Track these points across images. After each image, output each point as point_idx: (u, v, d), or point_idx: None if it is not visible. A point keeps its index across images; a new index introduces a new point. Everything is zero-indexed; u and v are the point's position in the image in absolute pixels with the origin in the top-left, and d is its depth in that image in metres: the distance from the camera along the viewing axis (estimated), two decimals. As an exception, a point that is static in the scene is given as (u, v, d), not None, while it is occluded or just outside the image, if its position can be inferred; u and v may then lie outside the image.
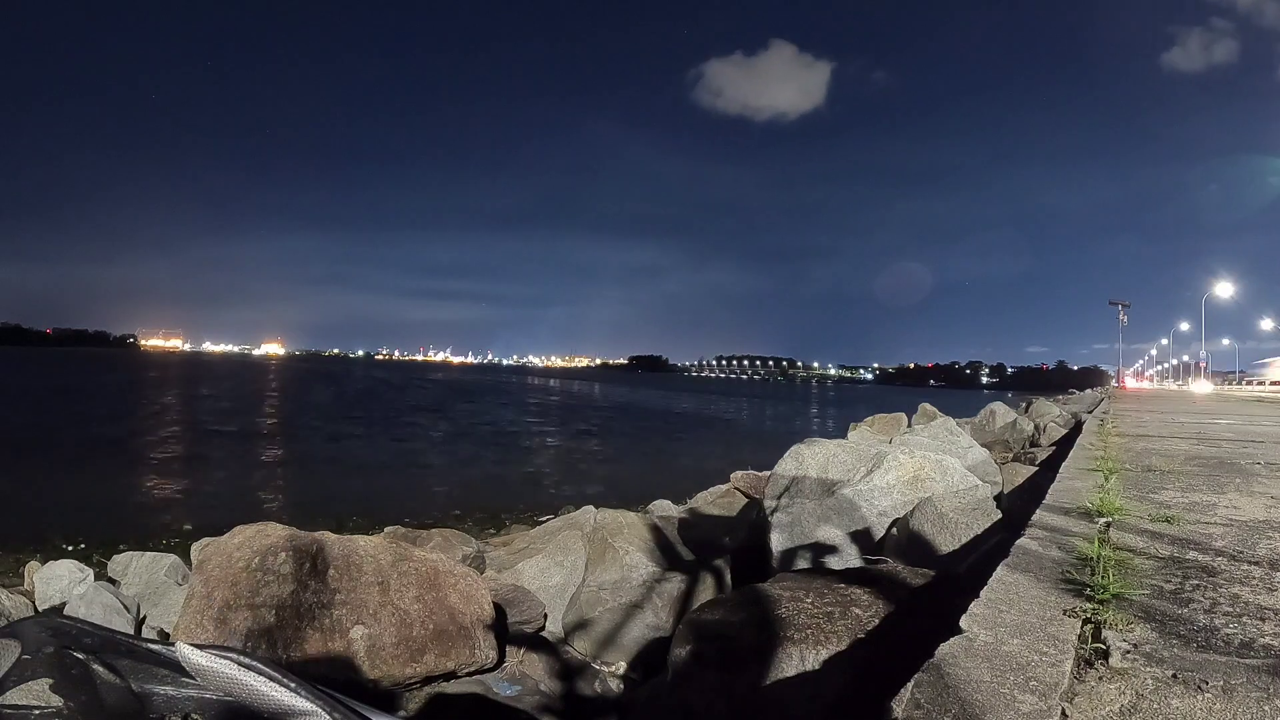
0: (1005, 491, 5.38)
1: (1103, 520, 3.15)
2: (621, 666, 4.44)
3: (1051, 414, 13.03)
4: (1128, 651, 1.74)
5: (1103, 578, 2.23)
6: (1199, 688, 1.55)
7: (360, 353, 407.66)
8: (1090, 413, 12.62)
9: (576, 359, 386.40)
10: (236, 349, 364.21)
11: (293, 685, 0.86)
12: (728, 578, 5.03)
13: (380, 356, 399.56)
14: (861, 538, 4.41)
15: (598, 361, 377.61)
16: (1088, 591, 2.15)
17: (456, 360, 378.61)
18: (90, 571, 5.55)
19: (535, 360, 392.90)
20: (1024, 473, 6.23)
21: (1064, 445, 7.75)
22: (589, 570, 5.24)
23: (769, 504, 4.94)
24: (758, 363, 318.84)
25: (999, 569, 2.38)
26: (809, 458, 5.07)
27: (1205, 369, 49.95)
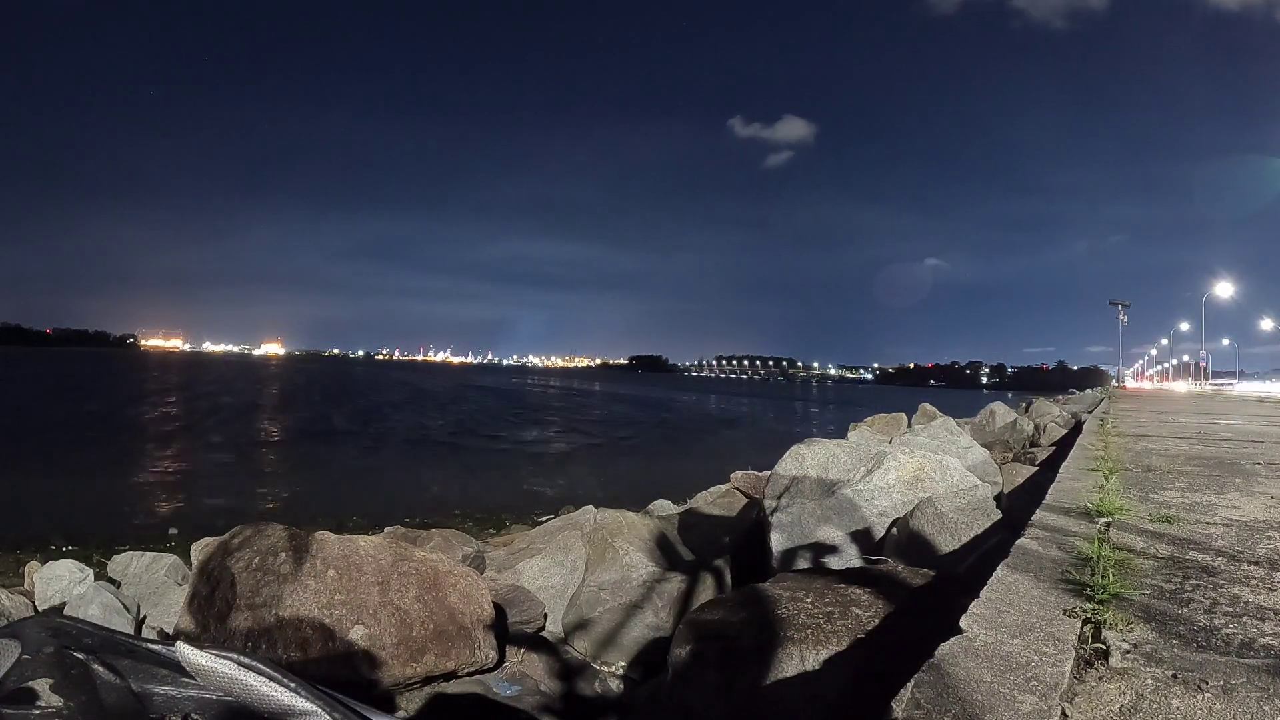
0: (1005, 491, 5.38)
1: (1103, 520, 3.15)
2: (621, 666, 4.44)
3: (1051, 414, 13.02)
4: (1128, 651, 1.74)
5: (1103, 578, 2.23)
6: (1199, 688, 1.55)
7: (360, 352, 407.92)
8: (1090, 413, 12.62)
9: (577, 359, 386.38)
10: (236, 349, 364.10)
11: (293, 685, 0.86)
12: (728, 578, 5.03)
13: (380, 356, 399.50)
14: (861, 538, 4.41)
15: (598, 361, 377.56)
16: (1088, 591, 2.15)
17: (457, 360, 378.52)
18: (90, 571, 5.55)
19: (535, 360, 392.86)
20: (1024, 473, 6.22)
21: (1064, 445, 7.74)
22: (589, 570, 5.24)
23: (769, 504, 4.94)
24: (758, 363, 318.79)
25: (999, 569, 2.38)
26: (809, 458, 5.07)
27: (1206, 368, 49.96)
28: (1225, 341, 57.01)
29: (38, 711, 0.76)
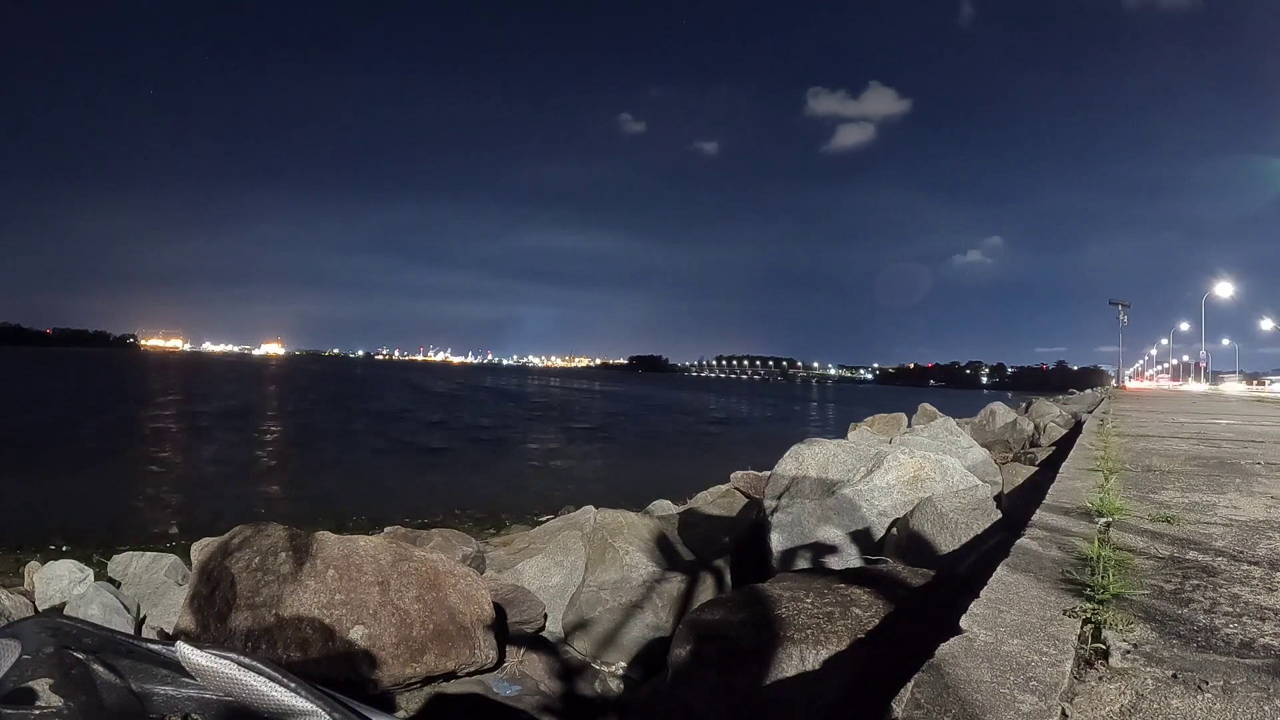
0: (1005, 491, 5.38)
1: (1103, 520, 3.15)
2: (621, 666, 4.44)
3: (1051, 414, 13.02)
4: (1128, 651, 1.74)
5: (1103, 578, 2.23)
6: (1199, 688, 1.55)
7: (360, 352, 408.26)
8: (1090, 413, 12.62)
9: (577, 359, 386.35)
10: (236, 349, 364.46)
11: (293, 685, 0.86)
12: (728, 578, 5.03)
13: (380, 356, 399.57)
14: (861, 538, 4.41)
15: (598, 361, 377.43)
16: (1088, 591, 2.15)
17: (456, 360, 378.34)
18: (90, 571, 5.55)
19: (535, 360, 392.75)
20: (1024, 473, 6.23)
21: (1064, 445, 7.75)
22: (589, 570, 5.24)
23: (769, 504, 4.94)
24: (758, 363, 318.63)
25: (999, 569, 2.38)
26: (809, 458, 5.07)
27: (1206, 368, 50.00)
28: (1225, 341, 57.12)
29: (38, 711, 0.76)
